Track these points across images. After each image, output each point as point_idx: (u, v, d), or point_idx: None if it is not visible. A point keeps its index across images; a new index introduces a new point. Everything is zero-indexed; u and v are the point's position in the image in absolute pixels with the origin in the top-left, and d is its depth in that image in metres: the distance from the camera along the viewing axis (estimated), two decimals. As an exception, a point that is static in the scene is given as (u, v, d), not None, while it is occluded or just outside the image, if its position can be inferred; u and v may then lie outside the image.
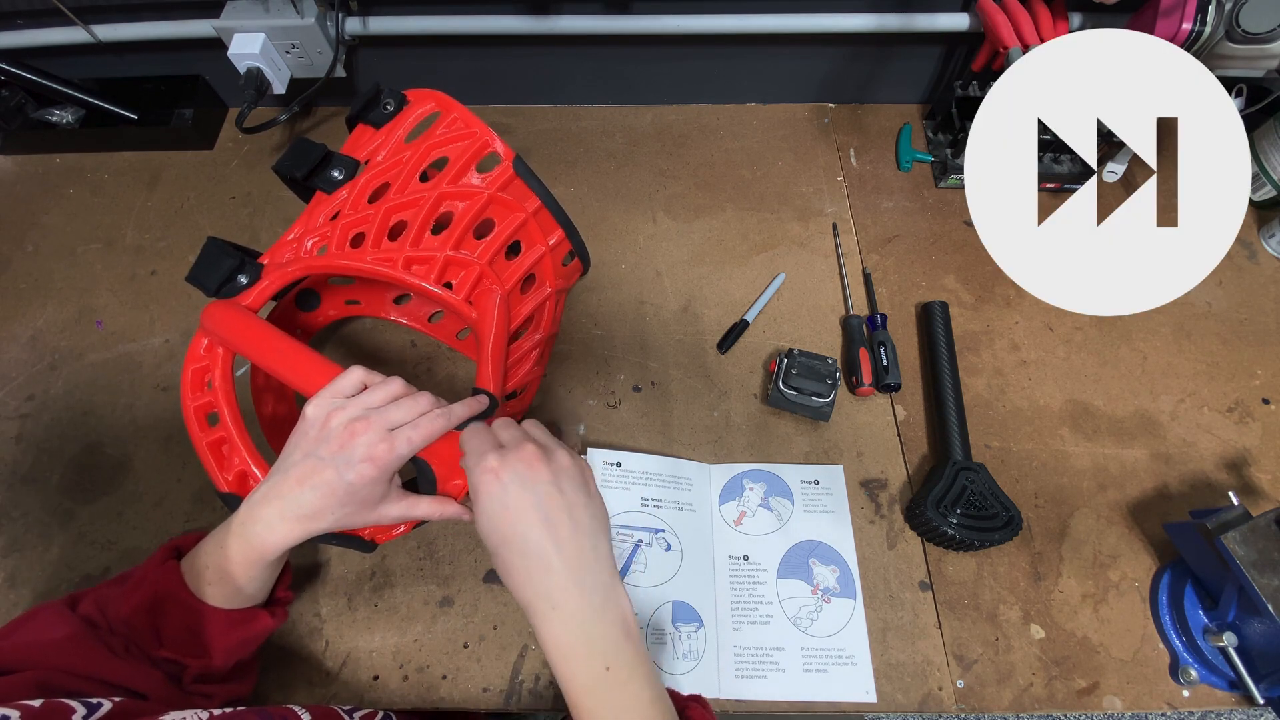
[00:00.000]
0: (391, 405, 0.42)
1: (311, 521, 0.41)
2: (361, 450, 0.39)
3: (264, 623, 0.45)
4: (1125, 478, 0.62)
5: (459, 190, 0.48)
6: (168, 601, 0.42)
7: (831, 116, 0.86)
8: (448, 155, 0.49)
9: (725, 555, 0.58)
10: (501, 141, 0.49)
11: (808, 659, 0.54)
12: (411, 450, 0.41)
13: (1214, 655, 0.52)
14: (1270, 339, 0.69)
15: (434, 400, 0.43)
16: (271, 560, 0.43)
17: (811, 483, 0.61)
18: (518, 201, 0.49)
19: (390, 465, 0.40)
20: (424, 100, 0.52)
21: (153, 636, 0.42)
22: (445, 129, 0.50)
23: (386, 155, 0.51)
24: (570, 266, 0.55)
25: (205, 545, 0.44)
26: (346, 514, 0.41)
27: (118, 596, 0.42)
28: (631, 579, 0.56)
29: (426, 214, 0.48)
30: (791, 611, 0.56)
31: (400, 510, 0.43)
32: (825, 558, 0.58)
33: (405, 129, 0.52)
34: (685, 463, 0.62)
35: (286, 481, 0.41)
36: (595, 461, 0.60)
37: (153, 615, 0.42)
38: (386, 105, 0.52)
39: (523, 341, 0.55)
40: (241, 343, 0.46)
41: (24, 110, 0.81)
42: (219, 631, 0.43)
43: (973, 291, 0.72)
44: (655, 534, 0.58)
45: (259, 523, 0.41)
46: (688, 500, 0.60)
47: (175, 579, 0.43)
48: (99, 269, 0.75)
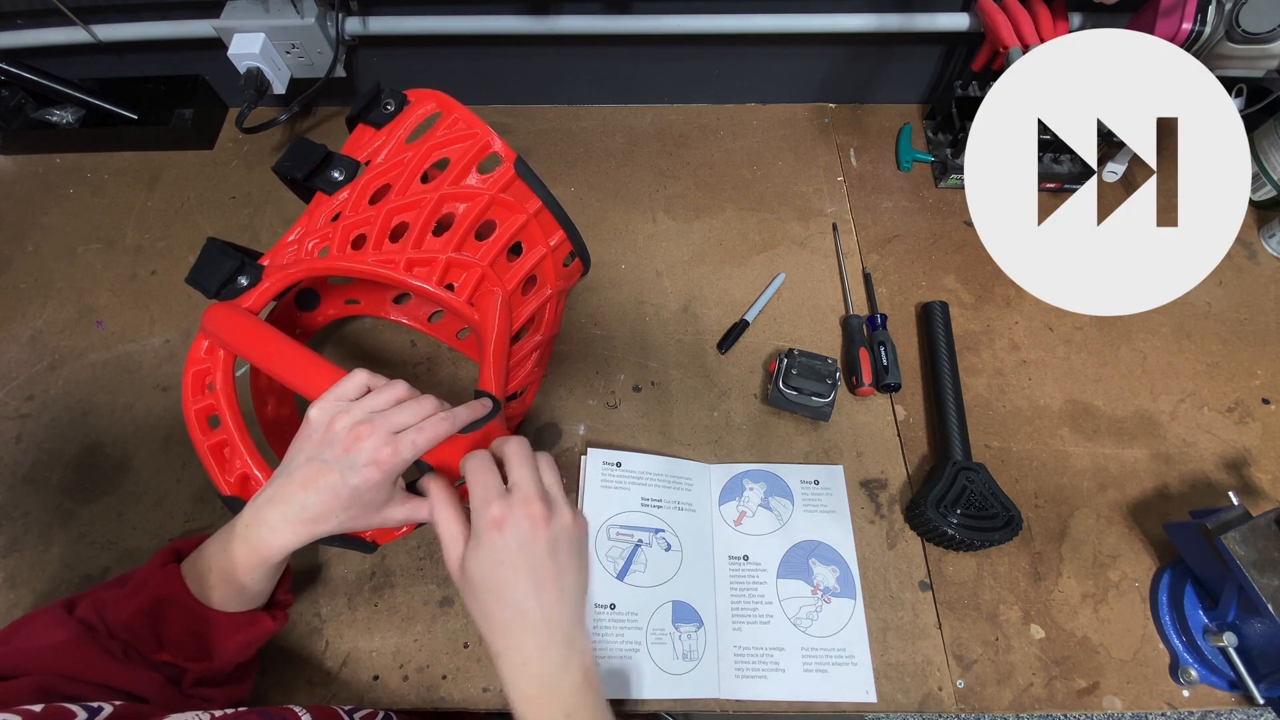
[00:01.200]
0: (396, 409, 0.41)
1: (316, 525, 0.41)
2: (366, 454, 0.39)
3: (265, 625, 0.45)
4: (1125, 478, 0.62)
5: (460, 192, 0.48)
6: (169, 605, 0.42)
7: (831, 116, 0.86)
8: (449, 156, 0.49)
9: (725, 555, 0.58)
10: (503, 142, 0.49)
11: (808, 659, 0.54)
12: (416, 454, 0.41)
13: (1214, 655, 0.52)
14: (1270, 339, 0.69)
15: (438, 403, 0.43)
16: (275, 563, 0.42)
17: (811, 483, 0.61)
18: (519, 203, 0.49)
19: (395, 469, 0.40)
20: (425, 100, 0.52)
21: (153, 640, 0.42)
22: (446, 130, 0.50)
23: (387, 156, 0.51)
24: (571, 267, 0.55)
25: (208, 548, 0.44)
26: (351, 517, 0.41)
27: (117, 600, 0.42)
28: (631, 579, 0.56)
29: (428, 216, 0.48)
30: (791, 611, 0.56)
31: (404, 513, 0.43)
32: (825, 558, 0.58)
33: (406, 130, 0.51)
34: (685, 463, 0.62)
35: (290, 485, 0.41)
36: (595, 461, 0.60)
37: (153, 618, 0.42)
38: (387, 105, 0.52)
39: (524, 343, 0.55)
40: (242, 346, 0.46)
41: (24, 110, 0.81)
42: (221, 634, 0.43)
43: (973, 291, 0.72)
44: (655, 534, 0.58)
45: (263, 526, 0.41)
46: (688, 500, 0.60)
47: (177, 582, 0.42)
48: (99, 269, 0.75)
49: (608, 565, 0.56)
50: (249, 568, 0.42)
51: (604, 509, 0.58)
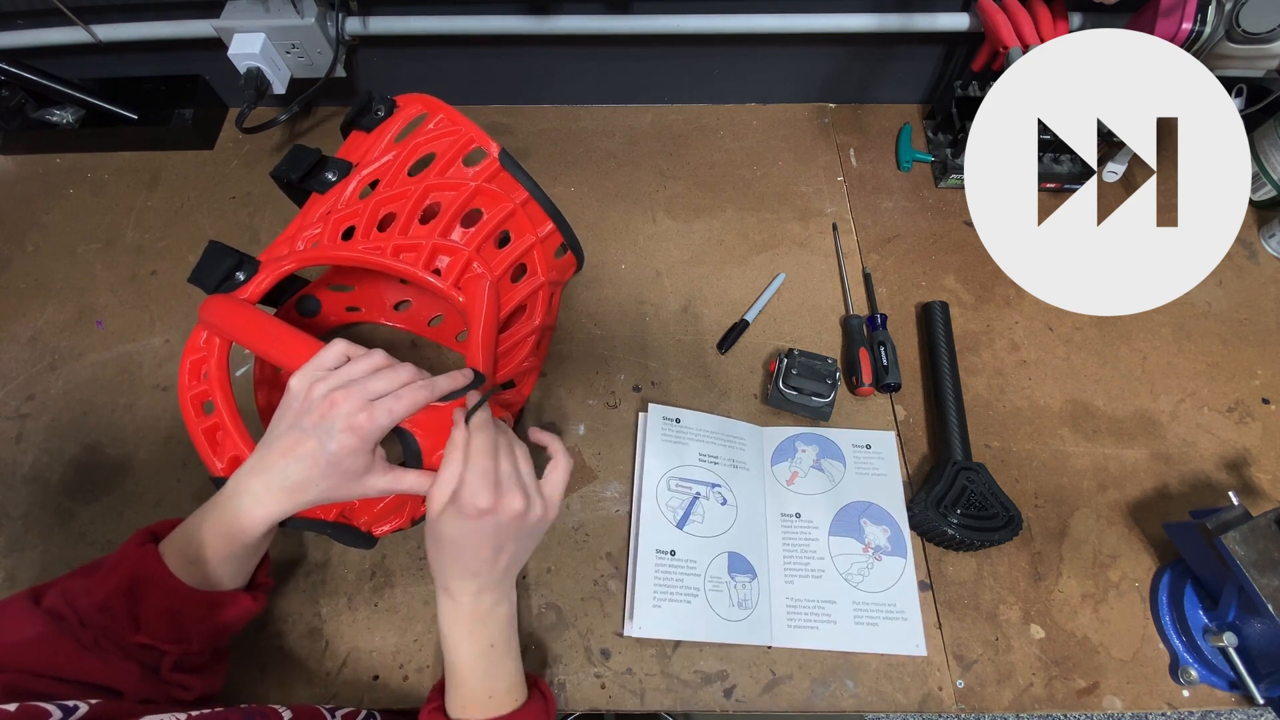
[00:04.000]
0: (373, 376, 0.42)
1: (297, 493, 0.41)
2: (342, 420, 0.40)
3: (245, 604, 0.45)
4: (1125, 478, 0.62)
5: (446, 182, 0.49)
6: (146, 584, 0.42)
7: (831, 116, 0.86)
8: (435, 151, 0.51)
9: (778, 512, 0.60)
10: (487, 136, 0.50)
11: (859, 612, 0.56)
12: (392, 420, 0.41)
13: (1214, 655, 0.52)
14: (1270, 339, 0.69)
15: (416, 371, 0.43)
16: (257, 536, 0.42)
17: (863, 447, 0.63)
18: (505, 193, 0.50)
19: (371, 435, 0.40)
20: (413, 104, 0.53)
21: (129, 622, 0.41)
22: (433, 127, 0.52)
23: (377, 155, 0.52)
24: (564, 260, 0.56)
25: (187, 525, 0.43)
26: (331, 485, 0.41)
27: (89, 585, 0.42)
28: (690, 529, 0.58)
29: (414, 205, 0.49)
30: (843, 567, 0.58)
31: (386, 483, 0.43)
32: (876, 518, 0.60)
33: (395, 131, 0.53)
34: (739, 423, 0.64)
35: (271, 454, 0.41)
36: (655, 417, 0.63)
37: (130, 599, 0.41)
38: (378, 111, 0.54)
39: (517, 328, 0.55)
40: (233, 328, 0.47)
41: (24, 110, 0.81)
42: (199, 614, 0.43)
43: (973, 291, 0.72)
44: (712, 488, 0.60)
45: (245, 495, 0.41)
46: (742, 459, 0.62)
47: (154, 560, 0.42)
48: (99, 269, 0.75)
49: (667, 514, 0.59)
50: (229, 539, 0.42)
51: (663, 461, 0.61)
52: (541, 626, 0.56)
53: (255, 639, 0.55)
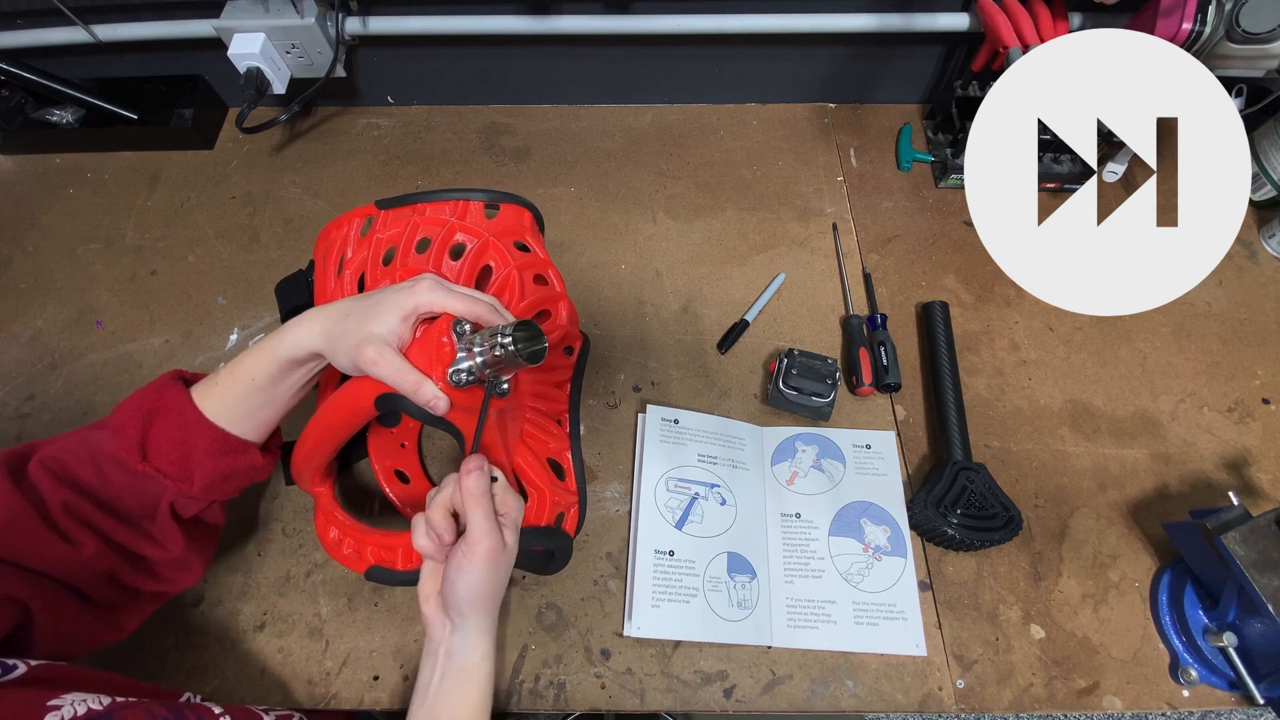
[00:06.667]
0: (445, 293, 0.43)
1: (337, 322, 0.42)
2: (409, 284, 0.43)
3: (254, 457, 0.46)
4: (1125, 478, 0.62)
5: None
6: (164, 410, 0.43)
7: (831, 116, 0.86)
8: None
9: (778, 513, 0.60)
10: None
11: (859, 612, 0.56)
12: (431, 308, 0.43)
13: (1214, 655, 0.52)
14: (1270, 339, 0.69)
15: (493, 309, 0.44)
16: (284, 358, 0.43)
17: (863, 447, 0.63)
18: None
19: (411, 308, 0.42)
20: (350, 217, 0.55)
21: (137, 448, 0.42)
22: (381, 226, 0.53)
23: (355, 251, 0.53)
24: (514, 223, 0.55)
25: (227, 364, 0.45)
26: (354, 323, 0.42)
27: (99, 438, 0.43)
28: (689, 529, 0.58)
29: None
30: (843, 567, 0.57)
31: (389, 358, 0.41)
32: (877, 518, 0.60)
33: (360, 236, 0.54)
34: (738, 424, 0.64)
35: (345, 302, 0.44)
36: (654, 418, 0.63)
37: (145, 422, 0.42)
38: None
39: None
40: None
41: (24, 110, 0.81)
42: (209, 451, 0.43)
43: (973, 291, 0.72)
44: (711, 488, 0.60)
45: (296, 324, 0.44)
46: (741, 459, 0.62)
47: (178, 391, 0.44)
48: (99, 269, 0.75)
49: (666, 515, 0.59)
50: (260, 356, 0.44)
51: (662, 462, 0.61)
52: (541, 626, 0.56)
53: (255, 638, 0.55)
